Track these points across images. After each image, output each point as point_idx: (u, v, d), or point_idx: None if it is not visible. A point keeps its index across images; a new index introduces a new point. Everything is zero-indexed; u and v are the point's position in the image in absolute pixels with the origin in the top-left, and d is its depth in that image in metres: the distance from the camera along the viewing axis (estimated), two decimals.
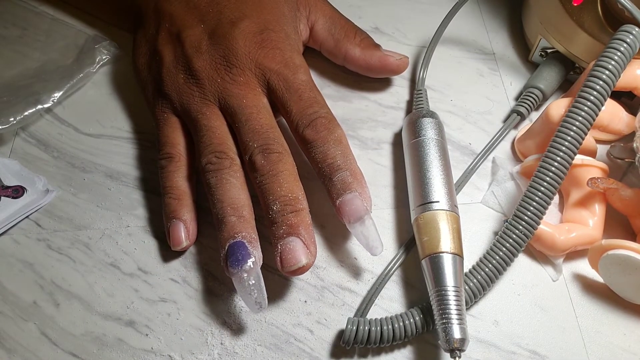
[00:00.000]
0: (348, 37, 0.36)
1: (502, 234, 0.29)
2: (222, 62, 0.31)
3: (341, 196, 0.28)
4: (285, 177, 0.28)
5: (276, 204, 0.28)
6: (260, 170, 0.29)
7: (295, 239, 0.27)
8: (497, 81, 0.39)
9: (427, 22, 0.41)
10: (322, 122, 0.30)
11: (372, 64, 0.36)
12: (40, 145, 0.35)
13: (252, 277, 0.26)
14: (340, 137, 0.30)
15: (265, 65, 0.31)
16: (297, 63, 0.32)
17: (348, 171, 0.29)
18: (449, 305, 0.26)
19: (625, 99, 0.35)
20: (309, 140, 0.30)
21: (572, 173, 0.31)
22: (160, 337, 0.29)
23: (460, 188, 0.34)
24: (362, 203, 0.28)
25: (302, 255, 0.27)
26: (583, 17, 0.34)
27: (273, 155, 0.29)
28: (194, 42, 0.32)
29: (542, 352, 0.29)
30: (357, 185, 0.28)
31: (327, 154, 0.29)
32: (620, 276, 0.29)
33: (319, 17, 0.36)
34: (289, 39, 0.33)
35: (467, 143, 0.36)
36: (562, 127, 0.29)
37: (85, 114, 0.36)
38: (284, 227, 0.27)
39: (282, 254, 0.27)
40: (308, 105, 0.30)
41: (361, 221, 0.28)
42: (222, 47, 0.32)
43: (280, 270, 0.27)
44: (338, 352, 0.28)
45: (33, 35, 0.39)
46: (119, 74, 0.38)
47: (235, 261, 0.26)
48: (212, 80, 0.31)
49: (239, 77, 0.31)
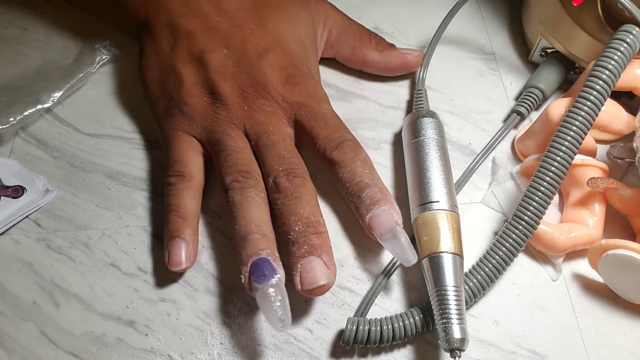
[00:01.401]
0: (364, 43, 0.37)
1: (502, 234, 0.29)
2: (250, 92, 0.32)
3: (370, 211, 0.29)
4: (308, 200, 0.29)
5: (298, 225, 0.28)
6: (284, 192, 0.29)
7: (317, 258, 0.27)
8: (497, 81, 0.39)
9: (427, 22, 0.41)
10: (349, 144, 0.31)
11: (391, 65, 0.37)
12: (40, 145, 0.35)
13: (279, 294, 0.26)
14: (366, 158, 0.31)
15: (292, 100, 0.32)
16: (321, 95, 0.33)
17: (376, 187, 0.29)
18: (449, 305, 0.26)
19: (625, 99, 0.35)
20: (336, 161, 0.30)
21: (572, 173, 0.31)
22: (160, 337, 0.29)
23: (460, 188, 0.34)
24: (392, 216, 0.28)
25: (323, 274, 0.27)
26: (583, 17, 0.34)
27: (297, 179, 0.30)
28: (219, 66, 0.32)
29: (542, 352, 0.29)
30: (385, 200, 0.29)
31: (354, 173, 0.30)
32: (620, 276, 0.29)
33: (333, 27, 0.37)
34: (311, 72, 0.34)
35: (467, 143, 0.36)
36: (562, 127, 0.29)
37: (85, 113, 0.36)
38: (305, 246, 0.27)
39: (302, 273, 0.27)
40: (335, 130, 0.31)
41: (393, 233, 0.28)
42: (250, 76, 0.32)
43: (299, 289, 0.27)
44: (338, 352, 0.28)
45: (33, 35, 0.40)
46: (119, 74, 0.38)
47: (262, 276, 0.26)
48: (239, 106, 0.32)
49: (266, 107, 0.32)
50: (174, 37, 0.34)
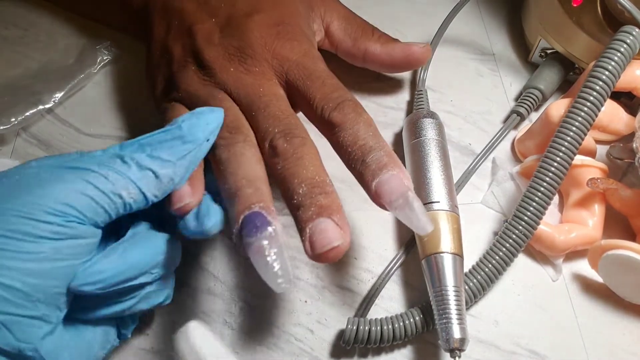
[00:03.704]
0: (366, 35, 0.35)
1: (502, 234, 0.29)
2: (236, 53, 0.30)
3: (377, 177, 0.25)
4: (310, 159, 0.26)
5: (302, 187, 0.25)
6: (283, 154, 0.26)
7: (327, 219, 0.24)
8: (497, 82, 0.39)
9: (428, 22, 0.41)
10: (349, 104, 0.27)
11: (395, 57, 0.35)
12: (42, 145, 0.35)
13: (274, 246, 0.22)
14: (370, 120, 0.27)
15: (283, 56, 0.29)
16: (315, 54, 0.30)
17: (382, 151, 0.26)
18: (448, 305, 0.26)
19: (624, 100, 0.35)
20: (336, 123, 0.27)
21: (572, 173, 0.31)
22: (160, 337, 0.29)
23: (460, 188, 0.34)
24: (402, 181, 0.25)
25: (336, 234, 0.23)
26: (583, 17, 0.35)
27: (296, 139, 0.26)
28: (206, 34, 0.31)
29: (541, 352, 0.29)
30: (393, 164, 0.25)
31: (357, 135, 0.26)
32: (620, 276, 0.29)
33: (333, 18, 0.36)
34: (305, 33, 0.32)
35: (467, 143, 0.36)
36: (561, 128, 0.29)
37: (87, 114, 0.36)
38: (312, 208, 0.24)
39: (311, 236, 0.23)
40: (333, 90, 0.28)
41: (405, 199, 0.24)
42: (235, 38, 0.30)
43: (310, 256, 0.23)
44: (338, 352, 0.29)
45: (34, 35, 0.40)
46: (120, 74, 0.38)
47: (253, 229, 0.23)
48: (225, 69, 0.29)
49: (254, 67, 0.29)
50: (167, 19, 0.33)
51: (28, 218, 0.21)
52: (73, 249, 0.22)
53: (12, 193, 0.22)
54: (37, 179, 0.23)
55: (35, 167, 0.24)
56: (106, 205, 0.23)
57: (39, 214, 0.21)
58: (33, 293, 0.21)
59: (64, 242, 0.22)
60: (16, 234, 0.21)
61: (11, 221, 0.21)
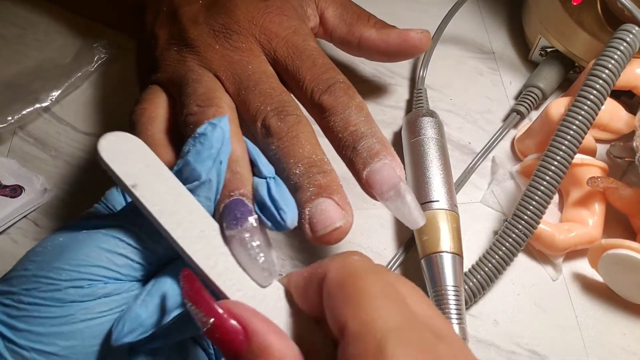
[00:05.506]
0: (362, 21, 0.33)
1: (502, 234, 0.29)
2: (222, 30, 0.28)
3: (369, 165, 0.24)
4: (306, 138, 0.24)
5: (299, 167, 0.23)
6: (277, 133, 0.24)
7: (327, 199, 0.22)
8: (497, 80, 0.39)
9: (427, 21, 0.41)
10: (341, 86, 0.26)
11: (391, 42, 0.33)
12: (38, 144, 0.35)
13: (256, 238, 0.21)
14: (362, 104, 0.26)
15: (271, 31, 0.28)
16: (306, 31, 0.29)
17: (374, 137, 0.25)
18: (448, 304, 0.26)
19: (624, 98, 0.35)
20: (326, 107, 0.26)
21: (572, 172, 0.31)
22: None
23: (459, 187, 0.34)
24: (394, 170, 0.24)
25: (338, 214, 0.22)
26: (583, 16, 0.34)
27: (290, 117, 0.25)
28: (191, 16, 0.29)
29: (541, 352, 0.29)
30: (385, 152, 0.24)
31: (348, 120, 0.25)
32: (620, 275, 0.29)
33: (329, 3, 0.34)
34: (296, 9, 0.30)
35: (467, 142, 0.36)
36: (561, 126, 0.29)
37: (84, 113, 0.36)
38: (311, 188, 0.23)
39: (311, 218, 0.22)
40: (324, 71, 0.27)
41: (396, 191, 0.23)
42: (221, 16, 0.28)
43: (310, 238, 0.22)
44: None
45: (32, 34, 0.39)
46: (117, 73, 0.38)
47: (234, 220, 0.21)
48: (210, 47, 0.27)
49: (240, 43, 0.27)
50: (157, 7, 0.32)
51: (53, 283, 0.20)
52: (106, 305, 0.21)
53: (45, 259, 0.21)
54: (63, 245, 0.21)
55: (63, 234, 0.22)
56: (141, 260, 0.21)
57: (64, 278, 0.20)
58: (71, 355, 0.20)
59: (93, 302, 0.21)
60: (47, 301, 0.20)
61: (42, 288, 0.20)
